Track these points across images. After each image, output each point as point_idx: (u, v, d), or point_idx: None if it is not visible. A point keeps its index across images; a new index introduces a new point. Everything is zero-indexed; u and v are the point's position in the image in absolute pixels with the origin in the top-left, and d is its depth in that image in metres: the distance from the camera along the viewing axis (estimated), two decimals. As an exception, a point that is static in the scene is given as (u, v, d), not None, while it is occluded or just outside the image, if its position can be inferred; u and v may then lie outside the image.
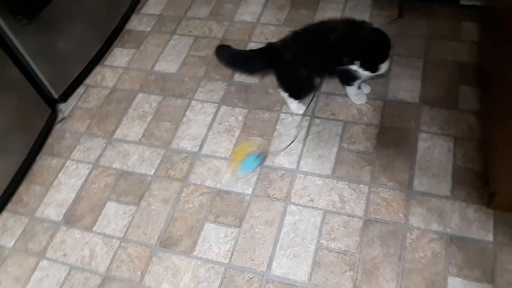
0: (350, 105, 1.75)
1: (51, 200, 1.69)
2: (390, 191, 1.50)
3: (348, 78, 1.60)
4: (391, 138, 1.63)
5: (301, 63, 1.56)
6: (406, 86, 1.76)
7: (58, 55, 1.90)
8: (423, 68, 1.80)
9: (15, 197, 1.72)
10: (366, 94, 1.74)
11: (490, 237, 1.35)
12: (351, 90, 1.69)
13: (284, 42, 1.58)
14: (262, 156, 1.65)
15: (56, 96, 1.93)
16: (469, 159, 1.53)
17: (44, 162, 1.81)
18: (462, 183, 1.48)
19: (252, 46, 2.01)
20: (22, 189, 1.75)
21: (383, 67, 1.45)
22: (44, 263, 1.54)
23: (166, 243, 1.51)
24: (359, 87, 1.71)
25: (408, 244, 1.38)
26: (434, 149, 1.57)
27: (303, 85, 1.64)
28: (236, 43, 2.03)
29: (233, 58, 1.70)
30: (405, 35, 1.92)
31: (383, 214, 1.45)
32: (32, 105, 1.81)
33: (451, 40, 1.88)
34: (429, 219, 1.42)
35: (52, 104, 1.94)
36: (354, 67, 1.46)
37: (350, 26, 1.49)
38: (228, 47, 1.74)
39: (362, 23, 1.50)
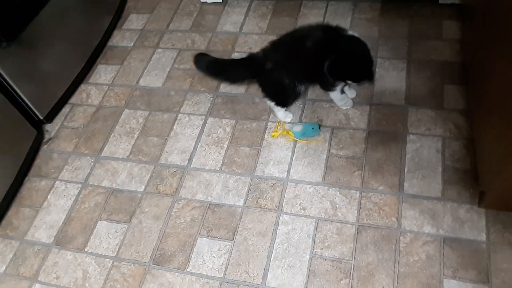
0: (336, 110, 1.74)
1: (41, 222, 1.67)
2: (381, 195, 1.50)
3: (329, 84, 1.60)
4: (379, 142, 1.63)
5: (282, 71, 1.56)
6: (391, 88, 1.76)
7: (41, 75, 1.89)
8: (407, 69, 1.81)
9: (4, 221, 1.70)
10: (352, 99, 1.74)
11: (483, 236, 1.36)
12: (335, 95, 1.69)
13: (264, 52, 1.58)
14: (318, 124, 1.68)
15: (41, 117, 1.91)
16: (457, 158, 1.53)
17: (32, 184, 1.79)
18: (452, 183, 1.48)
19: (236, 56, 2.01)
20: (11, 212, 1.72)
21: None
22: (36, 287, 1.51)
23: (159, 260, 1.50)
24: (343, 92, 1.70)
25: (402, 248, 1.38)
26: (422, 150, 1.57)
27: (288, 93, 1.64)
28: (220, 54, 2.03)
29: (213, 66, 1.68)
30: (387, 37, 1.93)
31: (375, 219, 1.45)
32: (16, 128, 1.78)
33: (433, 40, 1.89)
34: (421, 222, 1.42)
35: (38, 125, 1.91)
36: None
37: (326, 32, 1.50)
38: (206, 55, 1.73)
39: (337, 29, 1.50)
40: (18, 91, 1.76)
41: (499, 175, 1.27)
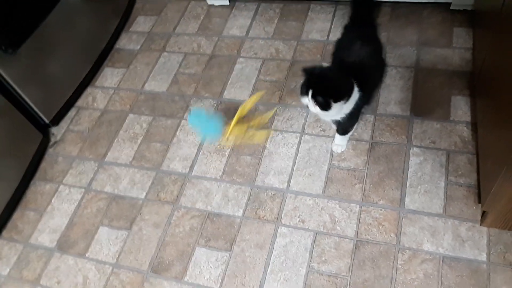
0: (340, 120, 1.72)
1: (45, 226, 1.69)
2: (381, 210, 1.47)
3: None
4: (382, 154, 1.60)
5: None
6: (397, 98, 1.72)
7: (48, 79, 1.90)
8: (414, 78, 1.76)
9: (9, 224, 1.73)
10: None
11: (483, 256, 1.32)
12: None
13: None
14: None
15: (47, 120, 1.93)
16: (462, 173, 1.49)
17: (37, 188, 1.81)
18: (454, 200, 1.44)
19: (242, 61, 1.99)
20: (16, 215, 1.75)
21: (335, 106, 1.28)
22: (38, 291, 1.55)
23: (158, 268, 1.51)
24: None
25: (400, 266, 1.36)
26: (426, 164, 1.54)
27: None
28: (225, 59, 2.01)
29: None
30: (395, 44, 1.88)
31: (374, 234, 1.43)
32: (22, 132, 1.81)
33: (443, 47, 1.83)
34: (421, 239, 1.39)
35: (44, 128, 1.93)
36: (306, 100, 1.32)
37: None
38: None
39: None
40: (24, 96, 1.78)
41: (503, 196, 1.23)
